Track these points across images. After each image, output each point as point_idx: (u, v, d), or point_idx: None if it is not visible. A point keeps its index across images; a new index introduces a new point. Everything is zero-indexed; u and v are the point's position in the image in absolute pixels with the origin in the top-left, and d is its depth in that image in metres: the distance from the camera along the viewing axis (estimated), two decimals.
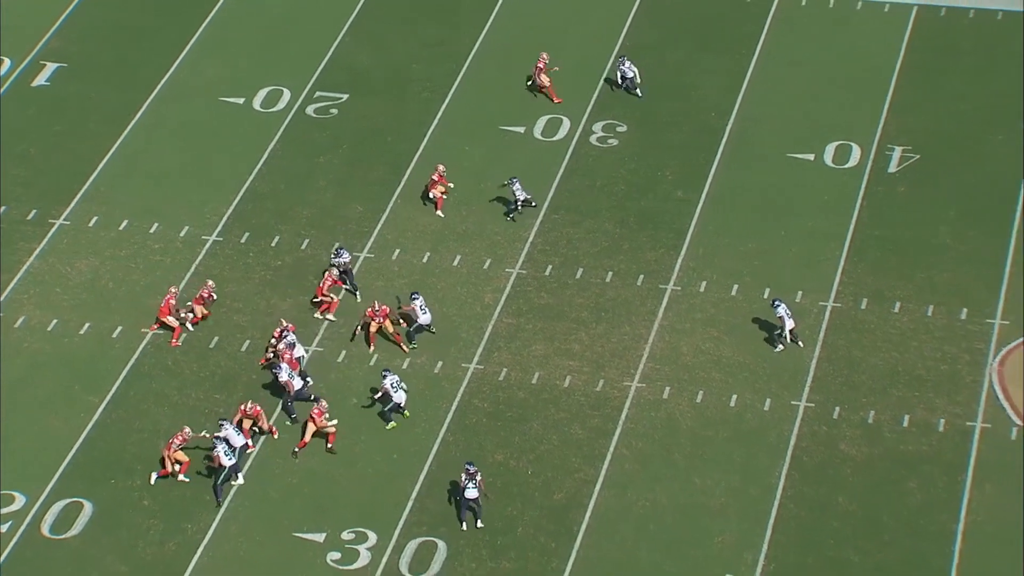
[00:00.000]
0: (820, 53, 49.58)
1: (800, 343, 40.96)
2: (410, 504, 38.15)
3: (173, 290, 41.44)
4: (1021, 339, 41.38)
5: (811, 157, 46.78)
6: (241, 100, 49.17)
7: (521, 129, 48.13)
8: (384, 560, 37.08)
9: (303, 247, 44.80)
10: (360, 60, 50.25)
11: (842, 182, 45.94)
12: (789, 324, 40.85)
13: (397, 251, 44.78)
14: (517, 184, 44.71)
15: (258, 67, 50.09)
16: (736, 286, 43.18)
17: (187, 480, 38.19)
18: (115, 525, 37.96)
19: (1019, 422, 39.34)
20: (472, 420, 40.14)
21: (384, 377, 39.33)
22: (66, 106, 48.92)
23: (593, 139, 47.82)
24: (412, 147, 47.71)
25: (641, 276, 43.63)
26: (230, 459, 37.80)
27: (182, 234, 45.17)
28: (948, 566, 36.29)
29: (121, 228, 45.45)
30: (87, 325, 42.51)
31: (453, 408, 40.38)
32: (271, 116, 48.60)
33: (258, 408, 39.25)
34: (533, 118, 48.41)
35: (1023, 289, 42.58)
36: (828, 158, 46.78)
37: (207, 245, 44.81)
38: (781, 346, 40.96)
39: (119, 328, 42.50)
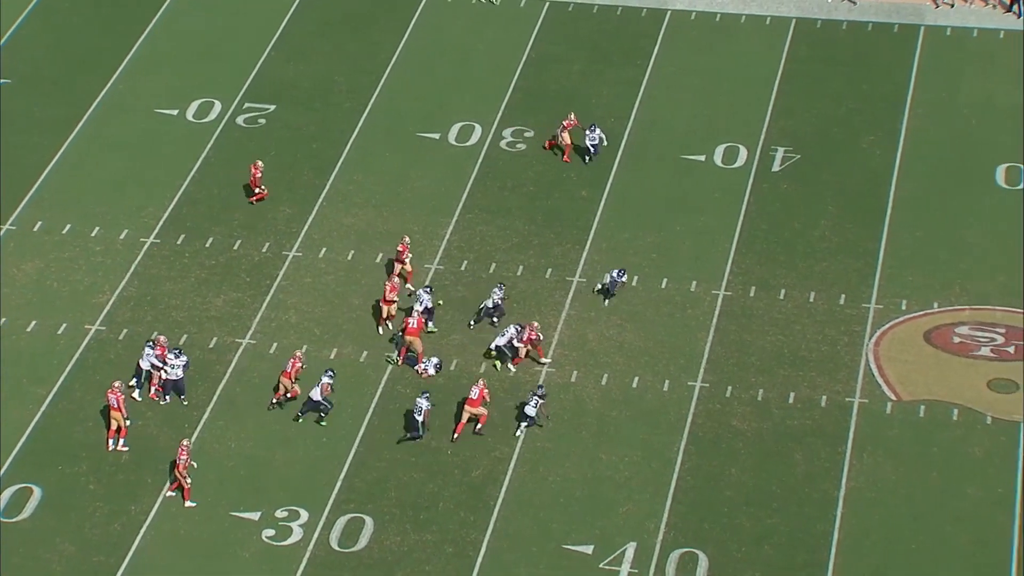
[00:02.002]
0: (709, 63, 50.03)
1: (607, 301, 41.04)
2: (339, 484, 38.13)
3: (117, 384, 38.50)
4: (894, 321, 42.03)
5: (702, 158, 47.19)
6: (175, 112, 48.81)
7: (436, 135, 48.14)
8: (315, 536, 37.02)
9: (235, 247, 44.57)
10: (286, 73, 50.04)
11: (731, 181, 46.38)
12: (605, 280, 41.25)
13: (324, 250, 44.66)
14: (596, 131, 45.39)
15: (190, 81, 49.74)
16: (636, 277, 43.48)
17: (194, 505, 37.29)
18: (63, 508, 37.65)
19: (893, 397, 39.97)
20: (396, 405, 40.13)
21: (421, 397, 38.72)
22: (11, 120, 48.36)
23: (503, 144, 47.89)
24: (336, 153, 47.56)
25: (549, 270, 43.81)
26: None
27: (122, 237, 44.81)
28: (831, 529, 36.80)
29: (64, 232, 45.01)
30: (33, 323, 42.09)
31: (378, 394, 40.35)
32: (203, 126, 48.26)
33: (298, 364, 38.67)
34: (447, 125, 48.43)
35: (895, 275, 43.23)
36: (718, 159, 47.20)
37: (145, 247, 44.48)
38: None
39: (64, 325, 42.12)
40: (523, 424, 38.82)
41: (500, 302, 41.20)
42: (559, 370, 40.83)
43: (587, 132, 45.83)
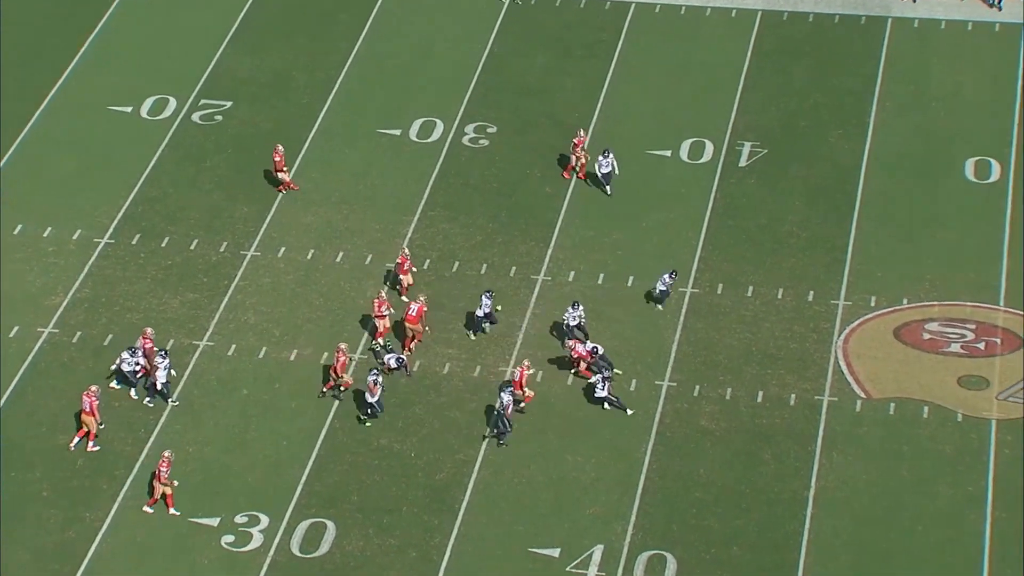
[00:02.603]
0: (674, 56, 50.09)
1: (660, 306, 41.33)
2: (300, 488, 38.02)
3: (94, 388, 38.51)
4: (863, 318, 42.20)
5: (668, 153, 47.25)
6: (129, 109, 48.53)
7: (397, 132, 48.05)
8: (276, 541, 36.90)
9: (192, 247, 44.38)
10: (242, 69, 49.82)
11: (697, 176, 46.47)
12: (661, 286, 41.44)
13: (283, 249, 44.50)
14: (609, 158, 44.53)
15: (144, 77, 49.46)
16: (602, 275, 43.51)
17: (177, 514, 37.06)
18: (17, 515, 37.37)
19: (862, 395, 40.13)
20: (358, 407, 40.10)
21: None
22: None
23: (465, 140, 47.84)
24: (294, 150, 47.41)
25: (513, 268, 43.78)
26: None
27: (75, 237, 44.53)
28: (800, 529, 36.92)
29: (16, 233, 44.67)
30: None
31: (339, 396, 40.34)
32: (158, 124, 48.01)
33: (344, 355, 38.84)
34: (408, 121, 48.34)
35: (864, 271, 43.40)
36: (684, 154, 47.27)
37: (99, 247, 44.22)
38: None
39: (16, 328, 41.79)
40: (606, 406, 38.76)
41: (490, 310, 40.98)
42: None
43: (600, 159, 44.77)
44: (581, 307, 40.93)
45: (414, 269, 42.47)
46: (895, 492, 37.70)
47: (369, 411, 39.01)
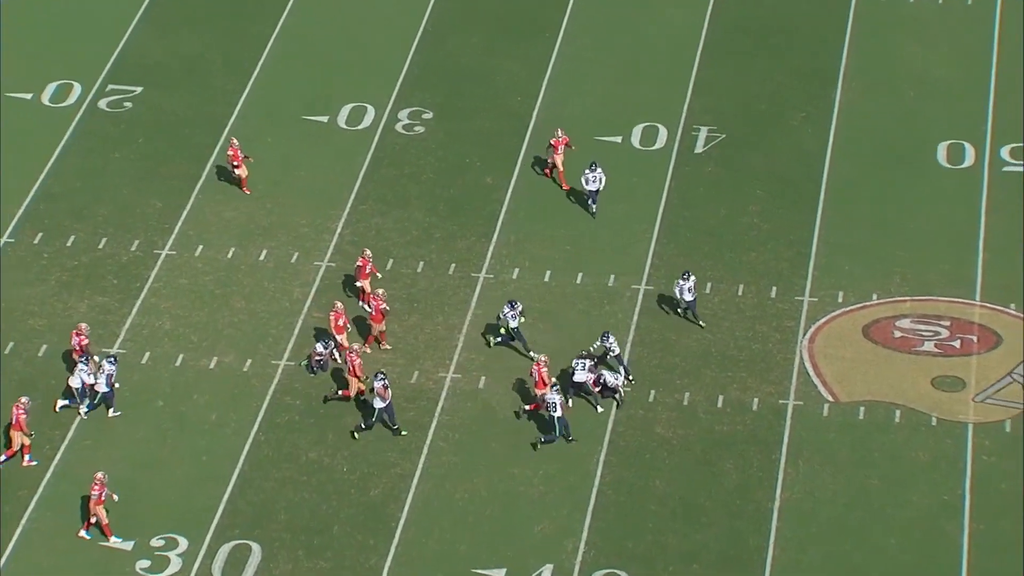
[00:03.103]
0: (623, 36, 50.31)
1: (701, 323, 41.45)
2: (222, 507, 37.92)
3: (24, 400, 38.38)
4: (830, 315, 42.54)
5: (618, 140, 47.46)
6: (29, 96, 48.23)
7: (324, 119, 48.01)
8: (196, 565, 36.78)
9: (100, 246, 44.20)
10: (153, 51, 49.64)
11: (650, 164, 46.69)
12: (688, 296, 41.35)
13: (200, 247, 44.37)
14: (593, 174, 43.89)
15: (46, 61, 49.16)
16: (549, 272, 43.65)
17: (119, 540, 36.80)
18: None
19: (830, 398, 40.47)
20: (284, 418, 40.04)
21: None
22: None
23: (399, 127, 47.84)
24: (212, 139, 47.27)
25: (453, 265, 43.83)
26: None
27: None
28: (765, 544, 37.15)
29: None
30: None
31: (264, 407, 40.23)
32: (61, 111, 47.76)
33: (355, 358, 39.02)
34: (336, 107, 48.31)
35: (830, 265, 43.77)
36: (635, 140, 47.48)
37: None
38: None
39: None
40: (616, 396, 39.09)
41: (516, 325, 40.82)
42: (465, 376, 40.90)
43: (587, 173, 44.23)
44: (520, 306, 40.90)
45: (379, 275, 42.27)
46: (866, 502, 38.03)
47: (372, 421, 38.85)
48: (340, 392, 39.89)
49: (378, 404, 38.87)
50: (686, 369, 41.00)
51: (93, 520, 36.92)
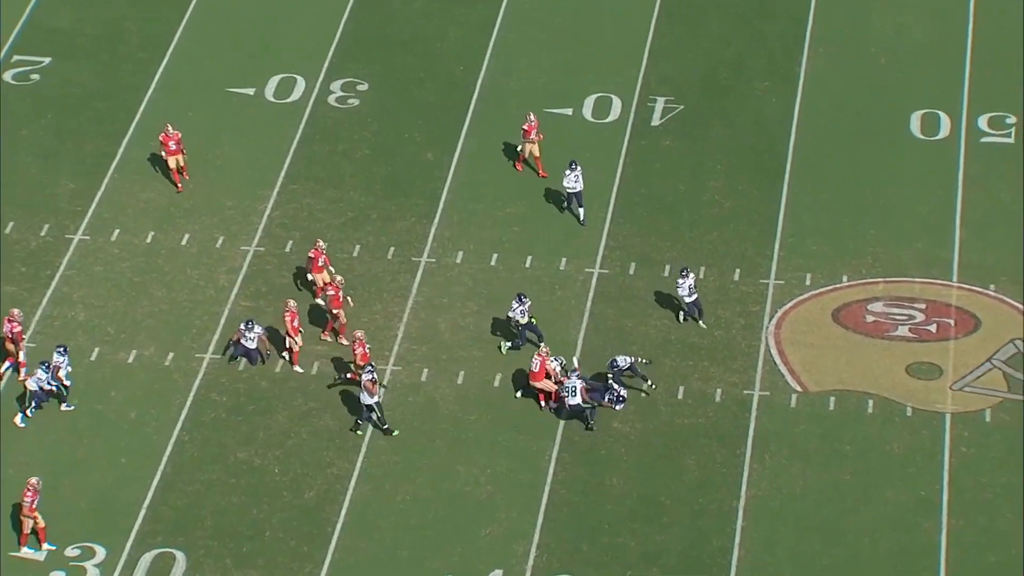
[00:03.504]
0: (573, 0, 50.39)
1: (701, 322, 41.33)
2: (143, 513, 37.72)
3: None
4: (798, 299, 42.62)
5: (569, 112, 47.44)
6: None
7: (251, 91, 47.82)
8: None
9: (7, 231, 43.82)
10: (62, 19, 49.27)
11: (603, 138, 46.69)
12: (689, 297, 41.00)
13: (117, 231, 44.11)
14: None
15: None
16: (496, 255, 43.61)
17: (52, 548, 36.58)
18: None
19: (798, 388, 40.56)
20: (210, 416, 39.86)
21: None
22: None
23: (331, 100, 47.71)
24: (128, 114, 47.01)
25: (392, 248, 43.77)
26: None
27: None
28: (730, 545, 37.23)
29: None
30: None
31: (188, 403, 40.05)
32: None
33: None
34: (263, 78, 48.12)
35: (797, 245, 43.85)
36: (587, 112, 47.48)
37: None
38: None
39: None
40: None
41: (529, 319, 40.57)
42: (406, 368, 40.83)
43: (567, 173, 43.80)
44: (527, 301, 40.63)
45: (331, 269, 42.06)
46: (837, 499, 38.16)
47: (367, 418, 38.87)
48: (348, 376, 39.66)
49: (365, 400, 38.72)
50: (645, 356, 40.95)
51: (28, 531, 36.52)
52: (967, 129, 46.99)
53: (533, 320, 41.01)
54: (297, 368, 40.61)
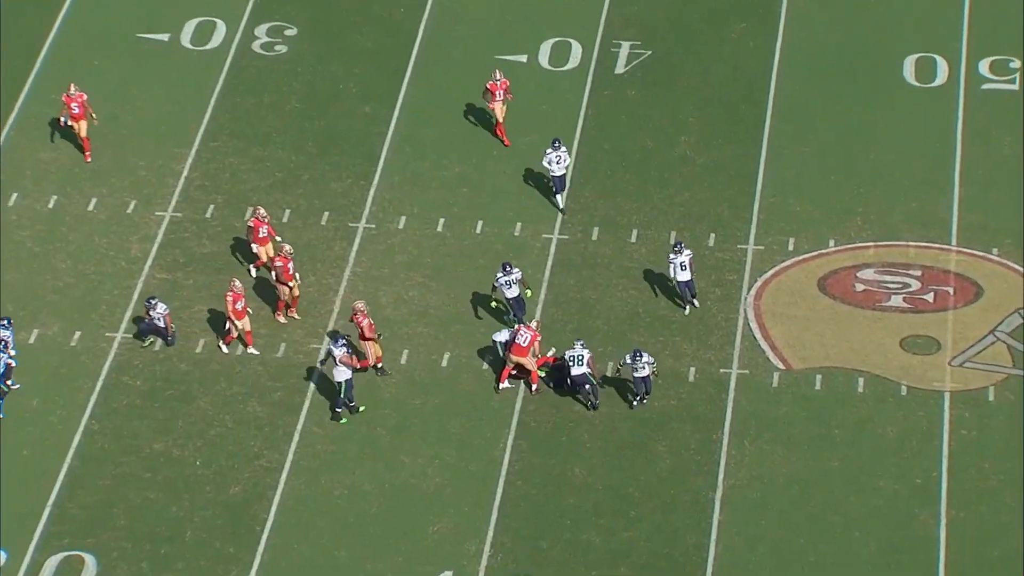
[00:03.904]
0: None
1: (695, 303, 41.33)
2: (47, 511, 37.68)
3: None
4: (780, 266, 42.78)
5: (523, 59, 47.43)
6: None
7: (165, 37, 47.64)
8: None
9: None
10: None
11: (562, 87, 46.70)
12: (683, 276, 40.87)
13: (14, 196, 43.96)
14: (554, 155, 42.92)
15: None
16: (442, 220, 43.65)
17: None
18: None
19: (780, 366, 40.74)
20: (122, 402, 39.85)
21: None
22: None
23: (256, 46, 47.61)
24: (26, 65, 46.80)
25: (326, 213, 43.77)
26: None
27: None
28: (706, 541, 37.38)
29: None
30: None
31: (97, 388, 40.02)
32: None
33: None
34: (179, 23, 47.96)
35: (778, 206, 43.97)
36: (544, 59, 47.49)
37: None
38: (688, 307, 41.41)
39: None
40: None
41: (519, 294, 40.46)
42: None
43: (548, 153, 43.34)
44: (517, 271, 40.65)
45: (278, 238, 41.94)
46: (825, 489, 38.35)
47: (345, 401, 38.96)
48: (358, 364, 39.82)
49: (341, 376, 38.73)
50: (609, 334, 41.15)
51: None
52: (966, 75, 47.18)
53: (528, 293, 40.83)
54: (252, 350, 40.51)
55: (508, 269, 40.64)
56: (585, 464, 38.71)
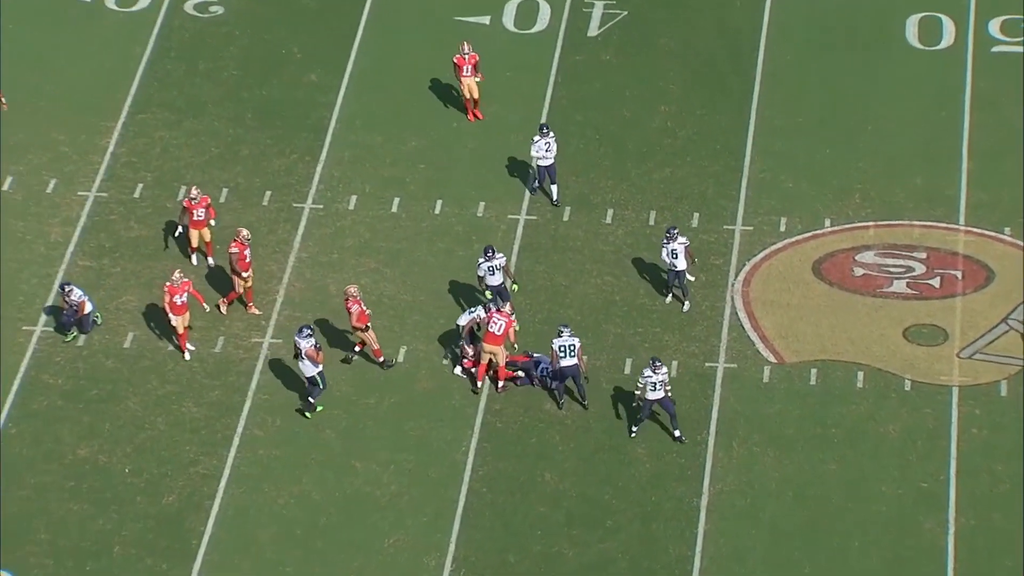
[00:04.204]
0: None
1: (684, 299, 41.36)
2: None
3: None
4: (770, 249, 42.79)
5: (486, 20, 47.48)
6: None
7: None
8: None
9: None
10: None
11: (529, 52, 46.75)
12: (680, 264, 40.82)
13: None
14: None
15: None
16: (397, 200, 43.66)
17: None
18: None
19: (772, 359, 40.78)
20: (43, 403, 39.80)
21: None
22: None
23: (189, 7, 47.62)
24: None
25: (268, 193, 43.80)
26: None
27: None
28: (690, 553, 37.42)
29: None
30: None
31: (14, 388, 40.00)
32: None
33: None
34: None
35: (769, 182, 44.04)
36: (509, 21, 47.52)
37: None
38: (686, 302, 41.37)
39: None
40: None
41: (501, 282, 40.51)
42: (287, 341, 40.76)
43: (535, 140, 43.16)
44: (500, 256, 40.53)
45: (212, 222, 41.80)
46: (821, 495, 38.42)
47: (316, 394, 39.02)
48: (357, 350, 39.97)
49: (309, 371, 38.80)
50: (583, 324, 41.16)
51: None
52: (975, 36, 47.29)
53: (514, 288, 40.93)
54: (189, 347, 40.48)
55: (490, 254, 40.55)
56: (557, 469, 38.72)
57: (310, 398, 39.27)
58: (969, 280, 42.08)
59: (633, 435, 38.97)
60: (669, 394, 38.56)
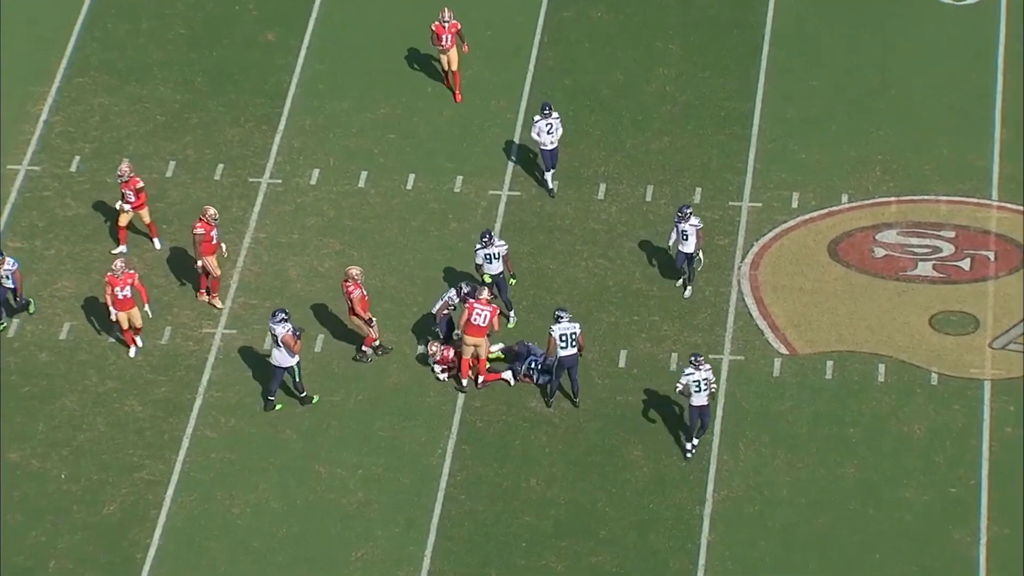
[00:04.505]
0: None
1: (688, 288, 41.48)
2: None
3: None
4: (781, 227, 42.73)
5: None
6: None
7: None
8: None
9: None
10: None
11: (512, 12, 46.87)
12: (688, 247, 40.72)
13: None
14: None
15: None
16: (364, 174, 43.71)
17: None
18: None
19: (783, 350, 40.73)
20: None
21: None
22: None
23: None
24: None
25: (220, 166, 43.86)
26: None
27: None
28: (692, 566, 37.44)
29: None
30: None
31: None
32: None
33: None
34: None
35: (779, 152, 44.03)
36: None
37: None
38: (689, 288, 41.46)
39: None
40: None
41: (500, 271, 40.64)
42: (243, 331, 40.97)
43: (536, 120, 42.97)
44: (501, 244, 40.46)
45: (130, 197, 41.76)
46: (838, 501, 38.43)
47: (299, 383, 39.20)
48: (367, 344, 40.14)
49: (284, 361, 38.93)
50: (573, 312, 41.02)
51: None
52: None
53: (512, 282, 41.01)
54: (137, 343, 40.52)
55: (487, 239, 40.41)
56: (543, 474, 38.73)
57: (270, 393, 39.15)
58: (1003, 261, 42.09)
59: (690, 455, 38.57)
60: (714, 396, 38.37)
